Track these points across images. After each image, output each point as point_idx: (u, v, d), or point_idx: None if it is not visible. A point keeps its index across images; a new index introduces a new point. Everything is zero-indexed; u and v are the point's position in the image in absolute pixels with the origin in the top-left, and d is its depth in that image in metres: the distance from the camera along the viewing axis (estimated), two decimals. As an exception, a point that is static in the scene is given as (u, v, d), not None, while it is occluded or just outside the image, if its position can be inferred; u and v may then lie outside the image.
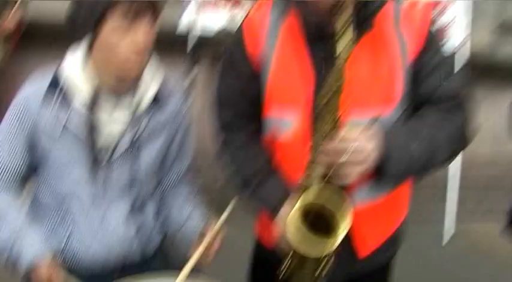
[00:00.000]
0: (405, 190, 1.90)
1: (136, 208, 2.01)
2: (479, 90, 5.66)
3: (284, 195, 1.73)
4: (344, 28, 1.54)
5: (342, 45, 1.54)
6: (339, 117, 1.59)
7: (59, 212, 1.96)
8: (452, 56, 1.82)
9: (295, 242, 1.62)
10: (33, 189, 2.04)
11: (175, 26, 4.29)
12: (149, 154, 2.00)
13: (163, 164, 2.08)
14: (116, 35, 1.80)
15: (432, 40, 1.74)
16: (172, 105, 2.04)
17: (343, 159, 1.55)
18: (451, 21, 4.88)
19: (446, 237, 4.87)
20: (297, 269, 1.69)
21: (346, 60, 1.55)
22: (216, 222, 1.95)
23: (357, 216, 1.67)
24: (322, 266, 1.66)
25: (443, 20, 4.89)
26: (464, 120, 1.75)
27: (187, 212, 2.08)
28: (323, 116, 1.60)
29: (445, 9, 4.90)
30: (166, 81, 2.05)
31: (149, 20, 1.82)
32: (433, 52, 1.74)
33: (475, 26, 5.93)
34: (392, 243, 1.93)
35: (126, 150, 1.93)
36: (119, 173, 1.95)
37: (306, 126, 1.70)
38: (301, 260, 1.66)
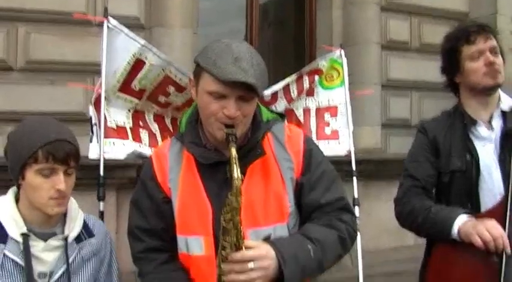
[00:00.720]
0: None
1: None
2: (375, 186, 6.03)
3: None
4: (236, 165, 1.79)
5: (237, 182, 1.77)
6: (240, 232, 1.81)
7: None
8: (331, 169, 2.13)
9: None
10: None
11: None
12: (81, 279, 2.20)
13: None
14: (38, 178, 2.03)
15: (311, 159, 2.06)
16: (98, 234, 2.29)
17: (248, 266, 1.78)
18: (342, 125, 5.27)
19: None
20: None
21: (241, 181, 1.79)
22: None
23: None
24: None
25: (335, 124, 5.30)
26: (346, 224, 2.04)
27: None
28: (227, 231, 1.82)
29: (336, 114, 5.33)
30: (88, 215, 2.33)
31: (68, 167, 2.07)
32: (313, 168, 2.05)
33: (362, 128, 6.41)
34: None
35: (61, 276, 2.10)
36: None
37: (211, 243, 1.94)
38: None
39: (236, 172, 1.77)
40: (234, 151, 1.80)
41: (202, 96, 1.93)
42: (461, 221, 2.39)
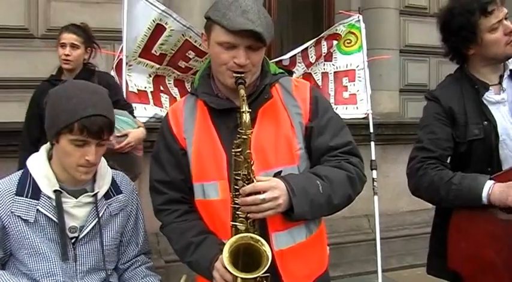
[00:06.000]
0: (321, 236, 2.24)
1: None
2: (393, 149, 6.04)
3: (214, 255, 2.00)
4: (244, 102, 1.91)
5: (245, 116, 1.90)
6: (251, 165, 1.92)
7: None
8: (338, 117, 2.22)
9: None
10: (8, 269, 2.24)
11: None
12: (110, 233, 2.30)
13: (121, 242, 2.39)
14: (71, 146, 2.11)
15: (317, 105, 2.15)
16: (126, 191, 2.39)
17: (259, 198, 1.88)
18: (360, 89, 5.31)
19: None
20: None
21: (250, 127, 1.91)
22: None
23: (280, 257, 2.04)
24: None
25: (353, 88, 5.33)
26: (355, 166, 2.11)
27: None
28: (238, 164, 1.93)
29: (354, 79, 5.36)
30: (116, 172, 2.42)
31: (101, 140, 2.15)
32: (320, 114, 2.14)
33: (381, 92, 6.42)
34: None
35: (91, 229, 2.20)
36: (86, 250, 2.23)
37: (226, 187, 2.02)
38: None
39: (245, 107, 1.91)
40: (242, 91, 1.93)
41: (213, 47, 2.03)
42: (489, 187, 2.36)
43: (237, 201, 1.93)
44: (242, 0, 1.96)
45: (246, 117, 1.90)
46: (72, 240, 2.20)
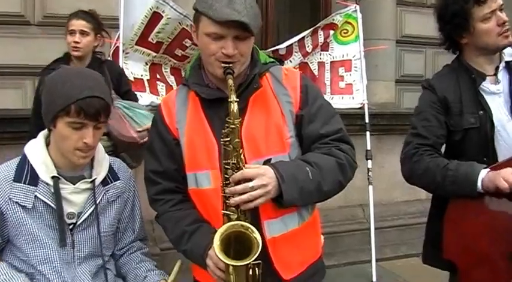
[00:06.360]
0: (314, 223, 2.27)
1: (101, 268, 2.27)
2: (389, 140, 6.06)
3: (208, 244, 2.02)
4: (232, 91, 1.95)
5: (233, 105, 1.94)
6: (240, 154, 1.96)
7: (32, 276, 2.18)
8: (328, 104, 2.25)
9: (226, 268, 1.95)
10: (5, 256, 2.25)
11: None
12: (107, 219, 2.31)
13: (118, 228, 2.41)
14: (68, 129, 2.12)
15: (307, 93, 2.18)
16: (123, 178, 2.40)
17: (249, 186, 1.91)
18: (356, 79, 5.31)
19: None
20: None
21: (238, 117, 1.95)
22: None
23: (273, 244, 2.07)
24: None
25: (349, 78, 5.35)
26: (345, 152, 2.13)
27: (143, 272, 2.37)
28: (228, 153, 1.97)
29: (350, 69, 5.37)
30: (114, 159, 2.43)
31: (98, 122, 2.15)
32: (311, 101, 2.17)
33: (377, 82, 6.42)
34: (317, 271, 2.26)
35: (89, 216, 2.21)
36: (84, 237, 2.24)
37: (218, 176, 2.05)
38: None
39: (232, 97, 1.94)
40: (231, 81, 1.96)
41: (202, 38, 2.06)
42: (484, 174, 2.39)
43: (226, 191, 1.96)
44: None
45: (234, 107, 1.93)
46: (70, 227, 2.21)
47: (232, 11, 1.94)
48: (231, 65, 2.00)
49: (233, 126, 1.94)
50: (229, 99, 1.93)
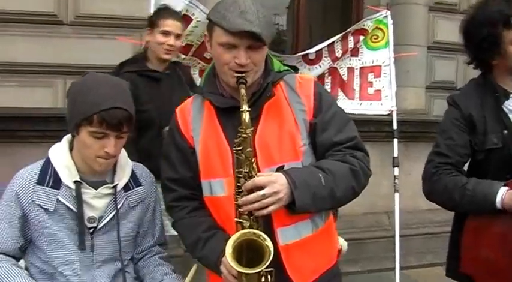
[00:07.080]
0: (329, 230, 2.27)
1: (120, 272, 2.29)
2: (416, 147, 6.00)
3: (222, 250, 2.02)
4: (244, 101, 1.98)
5: (245, 115, 1.97)
6: (252, 162, 1.99)
7: (52, 277, 2.23)
8: (342, 111, 2.25)
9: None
10: (28, 257, 2.30)
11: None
12: (128, 224, 2.35)
13: (138, 233, 2.44)
14: (91, 138, 2.15)
15: (321, 101, 2.19)
16: (145, 183, 2.44)
17: (261, 194, 1.92)
18: (385, 85, 5.27)
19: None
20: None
21: (250, 126, 1.98)
22: None
23: (286, 252, 2.09)
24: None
25: (378, 84, 5.30)
26: (359, 159, 2.13)
27: (160, 276, 2.41)
28: (240, 162, 1.99)
29: (379, 75, 5.33)
30: (136, 165, 2.46)
31: (120, 132, 2.18)
32: (324, 109, 2.18)
33: (407, 88, 6.36)
34: (332, 278, 2.27)
35: (110, 220, 2.23)
36: (104, 241, 2.27)
37: (232, 184, 2.06)
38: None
39: (244, 107, 1.97)
40: (243, 91, 2.00)
41: (215, 48, 2.09)
42: (503, 193, 2.38)
43: (239, 199, 1.98)
44: (241, 1, 2.02)
45: (246, 116, 1.96)
46: (91, 230, 2.24)
47: (244, 21, 1.97)
48: (243, 74, 2.03)
49: (245, 135, 1.97)
50: (241, 109, 1.96)
